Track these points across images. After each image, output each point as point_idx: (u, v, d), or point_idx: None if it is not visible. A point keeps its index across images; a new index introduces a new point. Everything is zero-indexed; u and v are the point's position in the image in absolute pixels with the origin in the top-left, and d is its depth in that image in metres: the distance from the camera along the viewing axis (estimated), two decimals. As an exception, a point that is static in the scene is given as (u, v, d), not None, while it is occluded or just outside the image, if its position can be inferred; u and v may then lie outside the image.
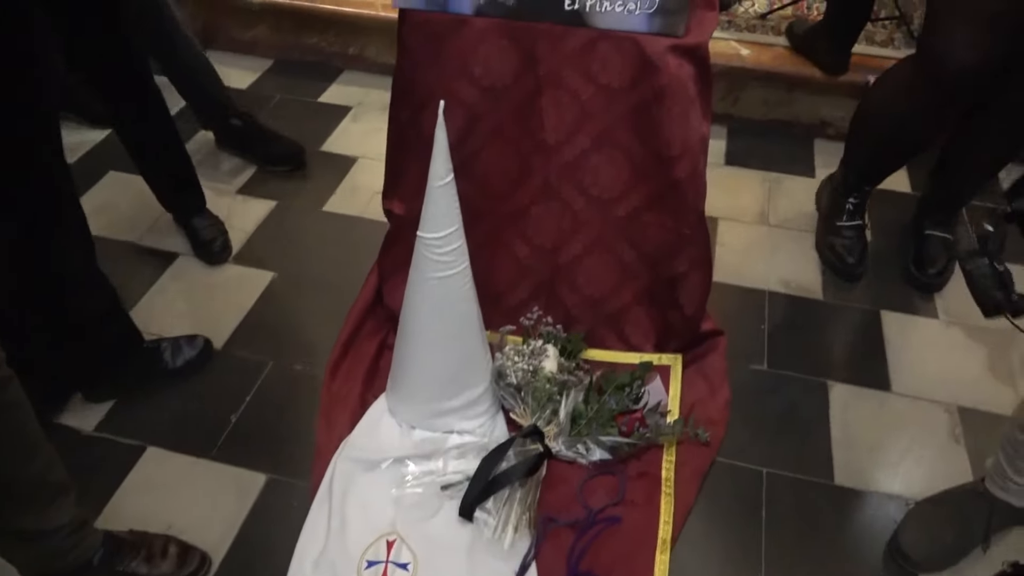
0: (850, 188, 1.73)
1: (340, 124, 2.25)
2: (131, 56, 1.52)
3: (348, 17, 2.37)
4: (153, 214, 1.84)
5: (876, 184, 1.74)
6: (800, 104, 2.14)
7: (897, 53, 2.13)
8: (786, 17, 2.27)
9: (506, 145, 1.36)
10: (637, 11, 1.19)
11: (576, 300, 1.48)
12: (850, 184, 1.73)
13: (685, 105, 1.24)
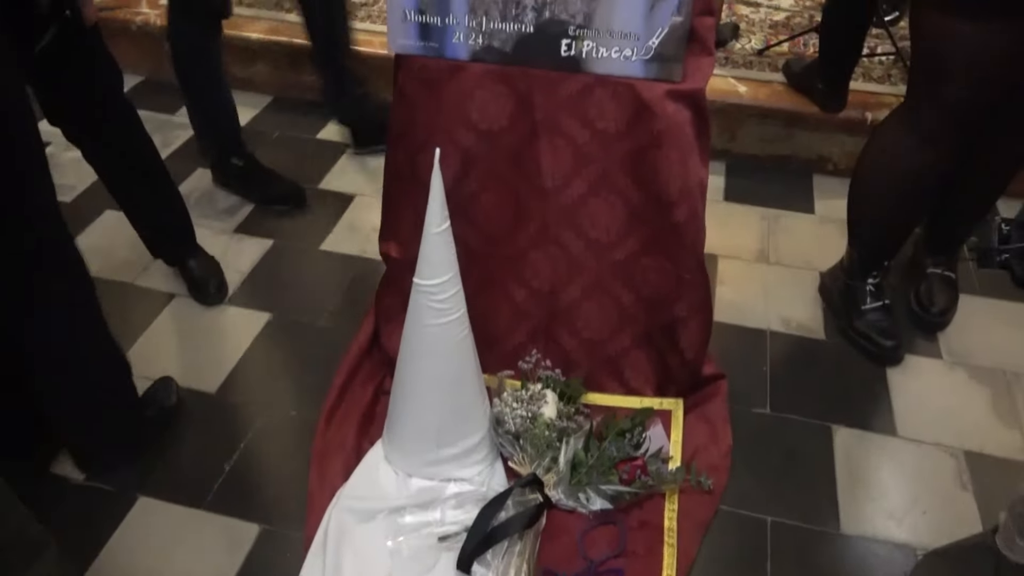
0: (867, 269, 1.63)
1: (338, 161, 2.25)
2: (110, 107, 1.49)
3: (347, 55, 2.38)
4: (149, 254, 1.83)
5: (893, 258, 1.67)
6: (798, 140, 2.14)
7: (895, 89, 2.13)
8: (783, 54, 2.28)
9: (503, 189, 1.35)
10: (633, 57, 1.19)
11: (575, 344, 1.46)
12: (866, 265, 1.63)
13: (683, 150, 1.23)
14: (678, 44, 1.16)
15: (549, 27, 1.20)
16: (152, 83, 2.60)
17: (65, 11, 1.26)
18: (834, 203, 2.06)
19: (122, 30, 2.50)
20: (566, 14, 1.18)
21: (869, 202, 1.58)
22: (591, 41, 1.19)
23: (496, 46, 1.23)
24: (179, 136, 2.34)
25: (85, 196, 2.07)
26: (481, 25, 1.22)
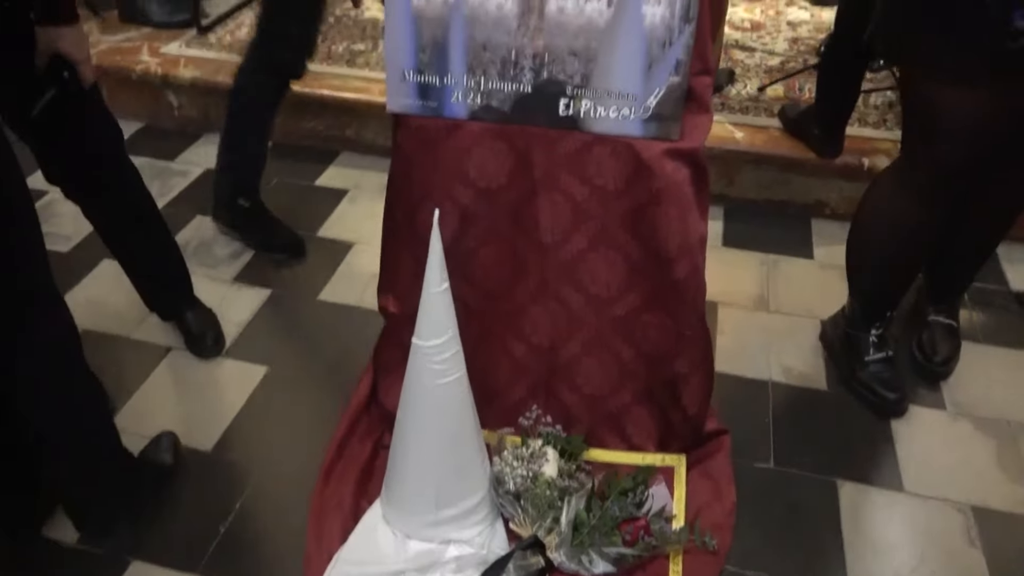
0: (869, 320, 1.61)
1: (337, 208, 2.25)
2: (100, 168, 1.47)
3: (346, 102, 2.39)
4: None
5: (895, 308, 1.66)
6: (795, 185, 2.15)
7: (890, 134, 2.14)
8: (778, 99, 2.30)
9: (502, 245, 1.34)
10: (632, 117, 1.19)
11: (575, 399, 1.44)
12: (868, 316, 1.62)
13: (683, 207, 1.23)
14: (676, 104, 1.17)
15: (547, 87, 1.20)
16: (152, 129, 2.61)
17: (63, 72, 1.26)
18: (833, 248, 2.06)
19: (123, 78, 2.52)
20: (564, 74, 1.19)
21: (868, 256, 1.57)
22: (589, 101, 1.19)
23: (495, 105, 1.23)
24: (178, 183, 2.35)
25: (82, 246, 2.06)
26: (480, 85, 1.22)
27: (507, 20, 1.17)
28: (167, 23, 2.73)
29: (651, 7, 1.11)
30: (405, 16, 1.20)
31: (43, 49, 1.25)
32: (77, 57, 1.27)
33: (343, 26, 2.81)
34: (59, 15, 1.24)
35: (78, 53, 1.27)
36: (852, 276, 1.64)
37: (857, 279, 1.63)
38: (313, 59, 1.91)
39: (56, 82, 1.26)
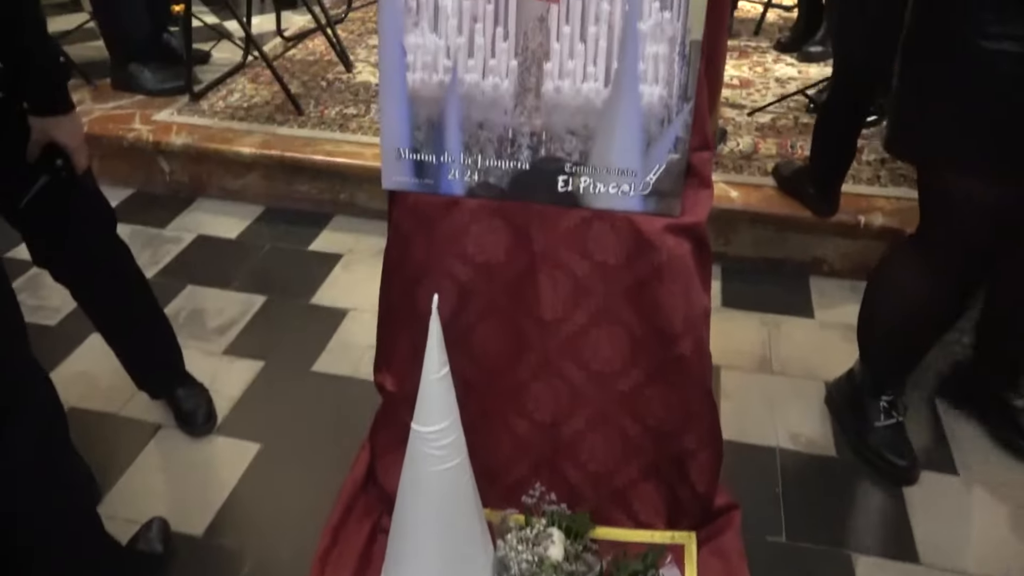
0: (880, 387, 1.59)
1: (331, 273, 2.22)
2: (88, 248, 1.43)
3: (340, 167, 2.39)
4: (135, 382, 1.77)
5: (909, 375, 1.63)
6: (792, 243, 2.14)
7: (884, 191, 2.15)
8: (771, 156, 2.31)
9: (501, 321, 1.31)
10: (632, 193, 1.18)
11: (580, 477, 1.40)
12: (880, 384, 1.59)
13: (686, 282, 1.21)
14: (676, 180, 1.15)
15: (545, 164, 1.19)
16: (143, 195, 2.60)
17: (56, 160, 1.23)
18: (833, 307, 2.04)
19: (115, 146, 2.52)
20: (562, 152, 1.18)
21: (880, 328, 1.55)
22: (588, 177, 1.18)
23: (492, 182, 1.22)
24: (169, 251, 2.32)
25: (70, 320, 2.02)
26: (477, 163, 1.21)
27: (504, 100, 1.16)
28: (160, 90, 2.73)
29: (648, 87, 1.11)
30: (400, 96, 1.19)
31: (37, 138, 1.22)
32: (72, 145, 1.24)
33: (335, 90, 2.82)
34: (56, 107, 1.22)
35: (73, 141, 1.24)
36: (863, 345, 1.61)
37: (868, 349, 1.60)
38: None
39: (49, 170, 1.24)
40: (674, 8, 1.07)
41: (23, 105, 1.21)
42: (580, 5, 1.10)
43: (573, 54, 1.12)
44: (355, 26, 3.47)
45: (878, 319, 1.55)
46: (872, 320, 1.57)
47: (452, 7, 1.13)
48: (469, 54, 1.15)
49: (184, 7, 2.69)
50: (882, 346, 1.57)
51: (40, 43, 1.18)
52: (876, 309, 1.55)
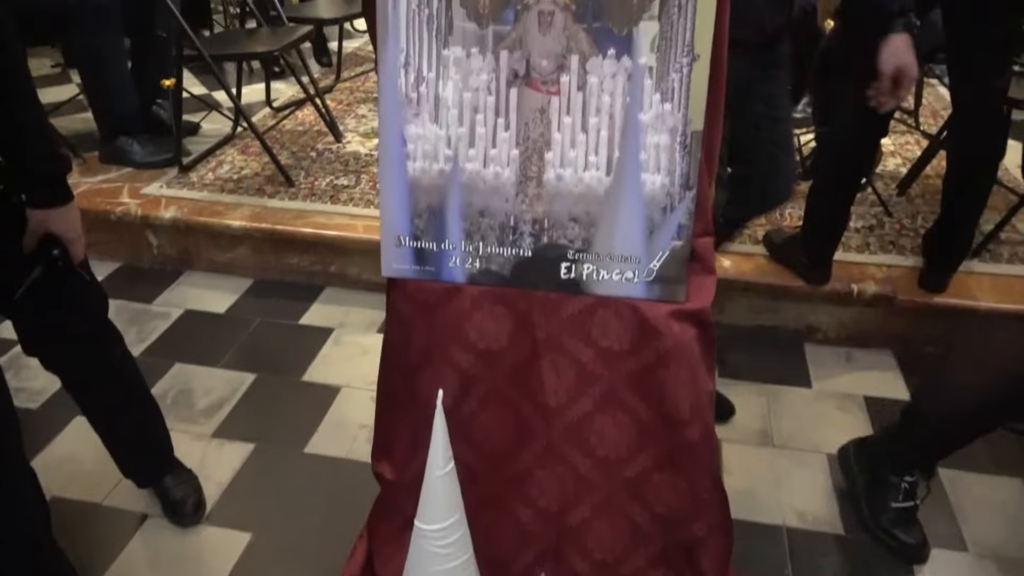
0: (908, 468, 1.53)
1: (322, 349, 2.19)
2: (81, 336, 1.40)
3: (331, 239, 2.38)
4: (121, 470, 1.71)
5: (945, 458, 1.55)
6: (786, 311, 2.14)
7: (874, 258, 2.17)
8: (761, 225, 2.33)
9: (504, 408, 1.29)
10: (635, 279, 1.17)
11: (586, 566, 1.35)
12: (909, 465, 1.53)
13: (691, 367, 1.19)
14: (680, 266, 1.15)
15: (548, 251, 1.18)
16: (129, 269, 2.57)
17: (52, 251, 1.20)
18: (829, 375, 2.04)
19: (102, 220, 2.49)
20: (565, 239, 1.17)
21: (952, 411, 1.45)
22: (591, 264, 1.17)
23: (494, 269, 1.20)
24: (156, 327, 2.28)
25: (53, 402, 1.96)
26: (478, 250, 1.20)
27: (505, 188, 1.16)
28: (149, 163, 2.73)
29: (651, 176, 1.11)
30: (401, 184, 1.19)
31: (34, 230, 1.19)
32: (70, 236, 1.21)
33: (325, 160, 2.83)
34: (56, 199, 1.19)
35: (71, 232, 1.21)
36: (914, 424, 1.53)
37: (920, 430, 1.52)
38: None
39: (44, 261, 1.20)
40: (674, 100, 1.08)
41: (20, 197, 1.19)
42: (581, 97, 1.11)
43: (574, 144, 1.13)
44: (344, 96, 3.51)
45: (956, 401, 1.44)
46: (945, 401, 1.47)
47: (453, 99, 1.14)
48: (470, 144, 1.15)
49: (174, 81, 2.71)
50: (942, 427, 1.49)
51: (40, 137, 1.16)
52: (957, 392, 1.45)
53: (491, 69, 1.12)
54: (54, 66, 4.00)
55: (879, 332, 2.10)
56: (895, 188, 2.53)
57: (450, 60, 1.13)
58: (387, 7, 1.11)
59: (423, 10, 1.11)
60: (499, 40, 1.11)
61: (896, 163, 2.73)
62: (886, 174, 2.65)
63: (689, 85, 1.07)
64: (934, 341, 2.08)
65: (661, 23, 1.06)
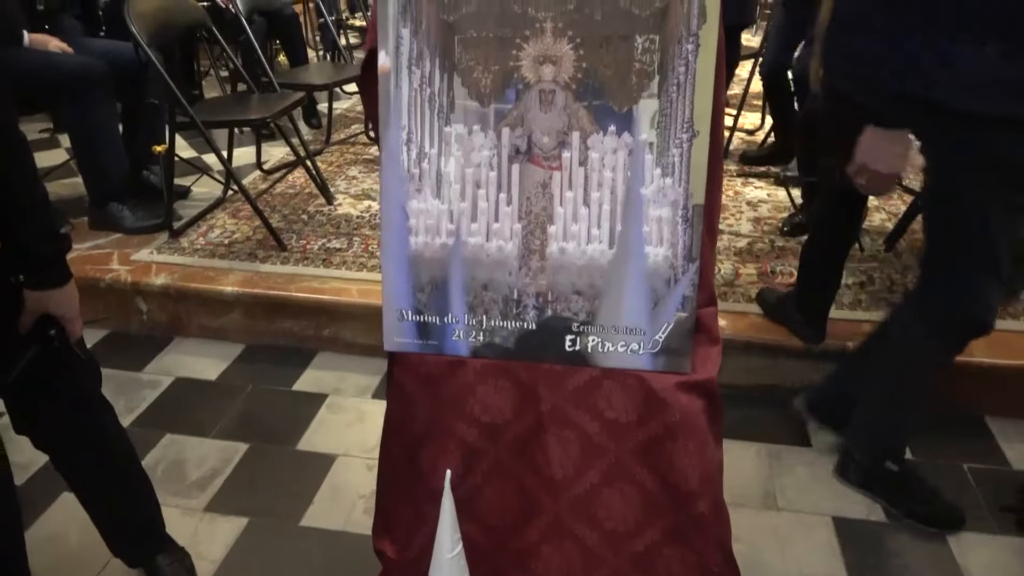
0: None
1: (316, 415, 2.15)
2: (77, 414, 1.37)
3: (323, 304, 2.36)
4: (110, 549, 1.66)
5: None
6: (783, 369, 2.14)
7: (868, 315, 2.18)
8: (753, 283, 2.35)
9: (509, 482, 1.26)
10: (641, 351, 1.16)
11: (596, 645, 1.31)
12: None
13: (700, 439, 1.18)
14: (685, 337, 1.15)
15: (552, 324, 1.18)
16: (118, 336, 2.53)
17: (49, 331, 1.18)
18: (829, 435, 2.02)
19: (91, 287, 2.47)
20: (569, 312, 1.17)
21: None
22: (596, 336, 1.17)
23: (498, 343, 1.20)
24: (146, 396, 2.24)
25: (39, 478, 1.91)
26: (481, 323, 1.19)
27: (508, 261, 1.16)
28: (139, 229, 2.72)
29: (653, 248, 1.12)
30: (402, 258, 1.19)
31: (32, 310, 1.17)
32: (68, 315, 1.19)
33: (317, 223, 2.84)
34: (55, 280, 1.17)
35: (69, 311, 1.19)
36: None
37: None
38: None
39: (41, 340, 1.18)
40: (675, 174, 1.10)
41: (17, 277, 1.17)
42: (583, 172, 1.12)
43: (577, 218, 1.14)
44: (334, 157, 3.54)
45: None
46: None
47: (455, 174, 1.15)
48: (472, 218, 1.16)
49: (166, 147, 2.72)
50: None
51: (42, 218, 1.15)
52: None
53: (493, 145, 1.13)
54: (43, 131, 4.01)
55: (876, 388, 2.10)
56: (882, 243, 2.57)
57: (452, 137, 1.14)
58: (390, 87, 1.12)
59: (425, 89, 1.13)
60: (501, 118, 1.12)
61: (882, 218, 2.78)
62: (872, 229, 2.69)
63: (689, 160, 1.09)
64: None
65: (661, 101, 1.08)
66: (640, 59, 1.07)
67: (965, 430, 2.03)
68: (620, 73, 1.08)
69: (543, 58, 1.09)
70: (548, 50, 1.09)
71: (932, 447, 1.95)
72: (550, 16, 1.07)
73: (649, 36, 1.06)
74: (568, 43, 1.08)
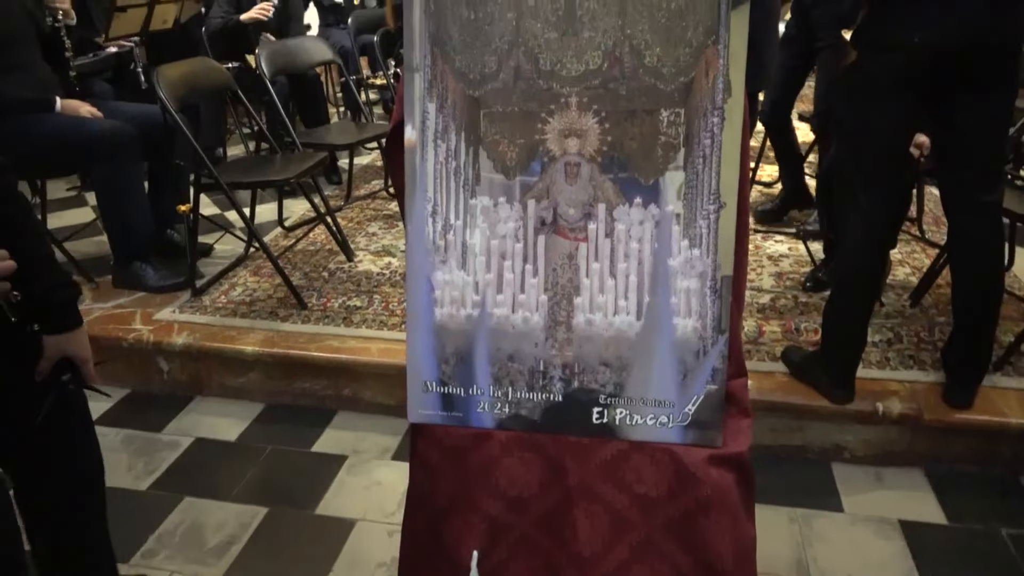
0: None
1: (335, 478, 2.12)
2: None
3: (343, 363, 2.36)
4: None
5: None
6: (811, 430, 2.09)
7: (896, 374, 2.14)
8: (777, 340, 2.32)
9: (536, 557, 1.23)
10: (670, 424, 1.14)
11: None
12: None
13: (733, 514, 1.15)
14: (715, 411, 1.12)
15: (579, 396, 1.15)
16: (138, 396, 2.53)
17: (62, 376, 1.22)
18: (861, 497, 1.97)
19: (114, 347, 2.48)
20: (596, 384, 1.15)
21: None
22: (624, 409, 1.14)
23: (524, 414, 1.18)
24: (166, 458, 2.23)
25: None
26: (507, 395, 1.17)
27: (534, 332, 1.15)
28: (162, 287, 2.74)
29: (682, 319, 1.10)
30: (427, 329, 1.18)
31: (51, 356, 1.23)
32: (84, 357, 1.26)
33: (337, 280, 2.85)
34: (73, 324, 1.25)
35: (84, 352, 1.26)
36: None
37: None
38: None
39: (56, 387, 1.23)
40: (703, 246, 1.09)
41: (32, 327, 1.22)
42: (609, 243, 1.11)
43: (603, 289, 1.12)
44: (354, 213, 3.57)
45: None
46: None
47: (480, 246, 1.14)
48: (498, 290, 1.15)
49: (190, 206, 2.76)
50: None
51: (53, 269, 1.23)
52: None
53: (519, 217, 1.13)
54: (69, 189, 4.10)
55: (908, 450, 2.05)
56: (907, 299, 2.54)
57: (477, 209, 1.14)
58: (416, 160, 1.13)
59: (450, 162, 1.14)
60: (526, 190, 1.13)
61: (906, 272, 2.75)
62: (896, 284, 2.66)
63: (717, 231, 1.08)
64: (965, 460, 2.02)
65: (687, 173, 1.07)
66: (665, 132, 1.07)
67: (1002, 493, 1.96)
68: (645, 146, 1.08)
69: (568, 131, 1.10)
70: (573, 124, 1.09)
71: (968, 511, 1.89)
72: (575, 91, 1.08)
73: (674, 110, 1.07)
74: (593, 117, 1.09)
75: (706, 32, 1.03)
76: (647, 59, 1.05)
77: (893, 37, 1.73)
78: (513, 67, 1.09)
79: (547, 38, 1.07)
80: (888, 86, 1.77)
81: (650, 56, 1.05)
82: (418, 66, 1.11)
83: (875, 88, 1.79)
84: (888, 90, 1.77)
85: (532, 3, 1.06)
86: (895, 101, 1.78)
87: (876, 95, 1.79)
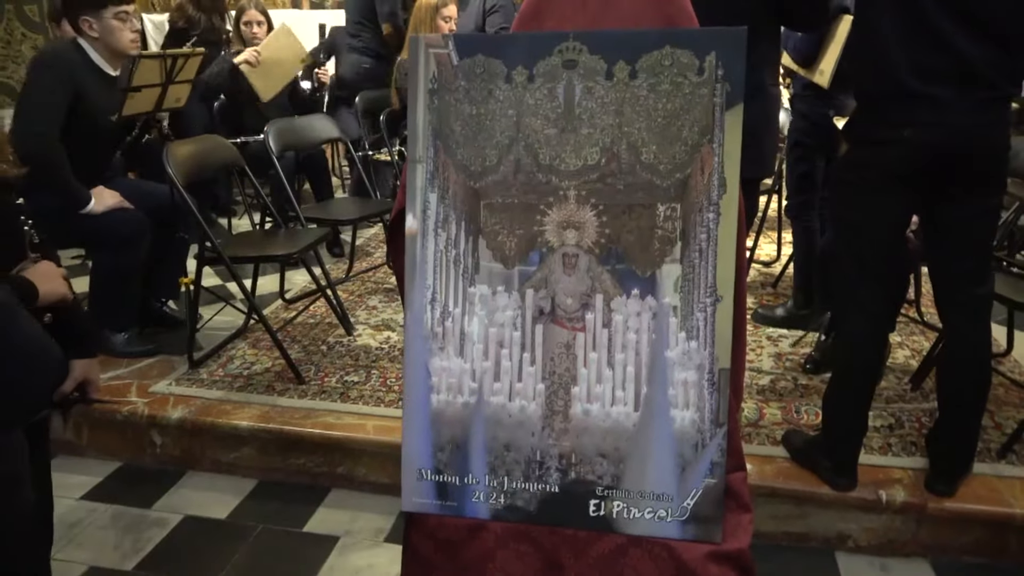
0: None
1: (326, 561, 2.07)
2: None
3: (338, 440, 2.33)
4: None
5: None
6: (814, 518, 2.05)
7: (898, 460, 2.11)
8: (778, 424, 2.29)
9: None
10: (668, 518, 1.12)
11: None
12: None
13: (734, 615, 1.11)
14: (715, 505, 1.10)
15: (576, 487, 1.14)
16: (129, 469, 2.49)
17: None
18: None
19: (107, 419, 2.46)
20: (593, 475, 1.13)
21: None
22: (622, 502, 1.13)
23: (519, 505, 1.16)
24: (153, 536, 2.17)
25: None
26: (503, 485, 1.16)
27: (531, 422, 1.14)
28: (127, 353, 2.77)
29: (680, 411, 1.09)
30: (423, 416, 1.17)
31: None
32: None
33: (336, 354, 2.84)
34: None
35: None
36: None
37: None
38: None
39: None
40: (700, 338, 1.09)
41: None
42: (607, 334, 1.12)
43: (601, 379, 1.12)
44: (355, 286, 3.59)
45: None
46: None
47: (478, 334, 1.15)
48: (495, 378, 1.15)
49: (192, 279, 2.77)
50: None
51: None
52: None
53: (517, 306, 1.14)
54: (75, 257, 4.13)
55: (912, 540, 2.00)
56: (908, 383, 2.52)
57: (476, 297, 1.15)
58: (416, 248, 1.15)
59: (450, 251, 1.15)
60: (524, 280, 1.14)
61: (905, 355, 2.74)
62: (896, 367, 2.65)
63: (714, 324, 1.08)
64: (971, 551, 1.97)
65: (683, 266, 1.09)
66: (662, 226, 1.09)
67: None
68: (642, 239, 1.10)
69: (567, 223, 1.12)
70: (572, 216, 1.11)
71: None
72: (574, 185, 1.10)
73: (671, 204, 1.09)
74: (591, 210, 1.11)
75: (701, 132, 1.06)
76: (644, 156, 1.08)
77: (882, 132, 1.77)
78: (513, 160, 1.12)
79: (547, 134, 1.10)
80: (880, 179, 1.80)
81: (647, 153, 1.08)
82: (421, 158, 1.14)
83: (867, 181, 1.82)
84: (880, 183, 1.80)
85: (532, 101, 1.09)
86: (887, 194, 1.81)
87: (868, 189, 1.83)
